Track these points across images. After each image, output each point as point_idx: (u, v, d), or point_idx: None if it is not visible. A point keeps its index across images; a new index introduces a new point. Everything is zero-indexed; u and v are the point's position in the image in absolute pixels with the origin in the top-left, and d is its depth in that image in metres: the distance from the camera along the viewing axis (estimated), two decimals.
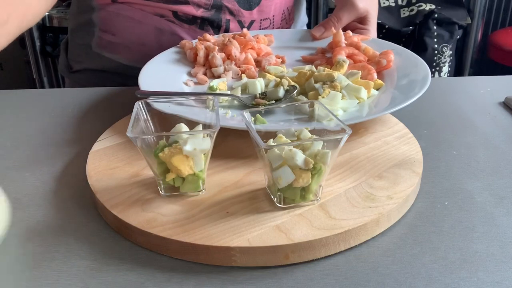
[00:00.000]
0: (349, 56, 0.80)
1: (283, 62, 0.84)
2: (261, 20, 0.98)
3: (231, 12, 0.94)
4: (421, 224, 0.52)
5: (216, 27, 0.94)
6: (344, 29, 0.89)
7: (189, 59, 0.84)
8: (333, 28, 0.89)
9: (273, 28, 1.01)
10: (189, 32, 0.93)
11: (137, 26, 0.93)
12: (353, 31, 0.89)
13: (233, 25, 0.95)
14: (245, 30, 0.88)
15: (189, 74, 0.81)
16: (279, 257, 0.47)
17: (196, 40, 0.87)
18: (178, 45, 0.87)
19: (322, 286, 0.45)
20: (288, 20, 1.04)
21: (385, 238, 0.51)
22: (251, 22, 0.97)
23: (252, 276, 0.46)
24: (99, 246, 0.50)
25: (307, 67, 0.77)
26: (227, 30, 0.95)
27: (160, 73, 0.78)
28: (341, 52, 0.79)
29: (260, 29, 0.99)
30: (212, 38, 0.87)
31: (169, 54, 0.85)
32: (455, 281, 0.45)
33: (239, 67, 0.81)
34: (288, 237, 0.47)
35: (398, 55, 0.80)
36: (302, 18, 1.10)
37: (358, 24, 0.93)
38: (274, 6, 0.98)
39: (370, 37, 0.90)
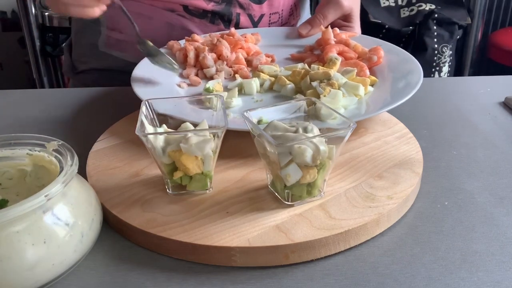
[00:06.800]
0: (339, 53, 0.80)
1: (272, 60, 0.84)
2: (270, 14, 0.98)
3: (241, 6, 0.95)
4: (421, 224, 0.52)
5: (227, 21, 0.95)
6: (329, 27, 0.89)
7: (179, 61, 0.83)
8: (321, 26, 0.89)
9: (281, 23, 1.01)
10: (200, 26, 0.94)
11: (147, 22, 0.92)
12: (338, 28, 0.90)
13: (244, 19, 0.96)
14: (232, 29, 0.88)
15: (181, 75, 0.80)
16: (279, 257, 0.47)
17: (184, 41, 0.87)
18: (166, 46, 0.87)
19: (322, 286, 0.45)
20: (295, 16, 1.05)
21: (385, 238, 0.51)
22: (261, 16, 0.98)
23: (252, 276, 0.46)
24: (99, 246, 0.50)
25: (300, 66, 0.77)
26: (237, 24, 0.95)
27: (152, 76, 0.77)
28: (332, 50, 0.80)
29: (269, 23, 0.99)
30: (201, 39, 0.86)
31: None
32: (455, 281, 0.45)
33: (231, 67, 0.81)
34: (288, 237, 0.47)
35: (385, 50, 0.80)
36: (307, 15, 1.11)
37: (342, 21, 0.94)
38: (283, 0, 0.98)
39: (357, 33, 0.90)
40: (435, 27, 1.95)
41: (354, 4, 0.94)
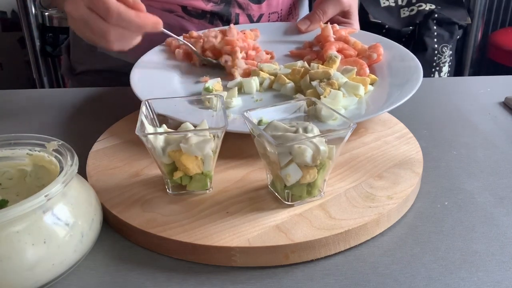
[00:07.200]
0: (339, 51, 0.80)
1: (272, 58, 0.84)
2: (269, 13, 0.98)
3: (240, 6, 0.95)
4: (421, 224, 0.52)
5: (226, 21, 0.95)
6: (329, 23, 0.89)
7: (178, 58, 0.83)
8: (321, 22, 0.89)
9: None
10: (199, 27, 0.93)
11: None
12: (337, 24, 0.90)
13: (243, 19, 0.96)
14: (232, 25, 0.88)
15: (183, 72, 0.80)
16: (279, 257, 0.47)
17: (181, 38, 0.86)
18: (164, 43, 0.87)
19: (322, 286, 0.45)
20: (294, 15, 1.05)
21: (385, 238, 0.51)
22: (260, 16, 0.98)
23: (252, 276, 0.46)
24: (99, 246, 0.50)
25: (299, 63, 0.76)
26: (236, 24, 0.95)
27: (152, 76, 0.77)
28: (332, 47, 0.79)
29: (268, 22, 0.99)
30: (198, 35, 0.86)
31: (155, 53, 0.84)
32: (455, 281, 0.45)
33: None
34: (288, 237, 0.47)
35: (384, 47, 0.80)
36: (305, 13, 1.11)
37: (341, 18, 0.94)
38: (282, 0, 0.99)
39: (356, 30, 0.90)
40: (435, 27, 1.95)
41: (353, 1, 0.94)
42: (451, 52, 2.01)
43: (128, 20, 0.67)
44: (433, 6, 1.97)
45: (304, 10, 1.10)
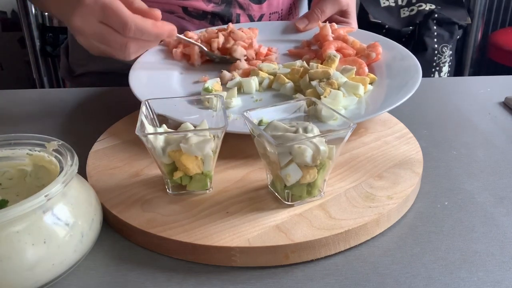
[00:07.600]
0: (338, 50, 0.80)
1: (269, 51, 0.84)
2: (270, 13, 0.98)
3: (241, 6, 0.95)
4: (421, 224, 0.52)
5: (227, 22, 0.95)
6: (327, 22, 0.89)
7: (176, 58, 0.83)
8: (319, 21, 0.89)
9: None
10: (200, 27, 0.93)
11: None
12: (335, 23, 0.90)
13: (243, 19, 0.96)
14: (230, 24, 0.88)
15: (181, 72, 0.80)
16: (279, 257, 0.47)
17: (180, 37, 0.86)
18: (162, 43, 0.87)
19: (322, 286, 0.45)
20: (294, 15, 1.05)
21: (385, 238, 0.51)
22: (261, 16, 0.98)
23: (252, 276, 0.46)
24: (99, 246, 0.50)
25: (298, 63, 0.76)
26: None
27: (151, 76, 0.77)
28: (330, 46, 0.79)
29: None
30: (195, 34, 0.86)
31: (153, 53, 0.84)
32: (455, 281, 0.45)
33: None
34: (288, 237, 0.47)
35: (383, 47, 0.80)
36: (305, 12, 1.11)
37: (339, 17, 0.94)
38: None
39: (355, 28, 0.90)
40: (435, 27, 1.95)
41: (351, 0, 0.94)
42: (451, 52, 2.01)
43: (146, 32, 0.67)
44: (433, 6, 1.97)
45: (304, 10, 1.11)
